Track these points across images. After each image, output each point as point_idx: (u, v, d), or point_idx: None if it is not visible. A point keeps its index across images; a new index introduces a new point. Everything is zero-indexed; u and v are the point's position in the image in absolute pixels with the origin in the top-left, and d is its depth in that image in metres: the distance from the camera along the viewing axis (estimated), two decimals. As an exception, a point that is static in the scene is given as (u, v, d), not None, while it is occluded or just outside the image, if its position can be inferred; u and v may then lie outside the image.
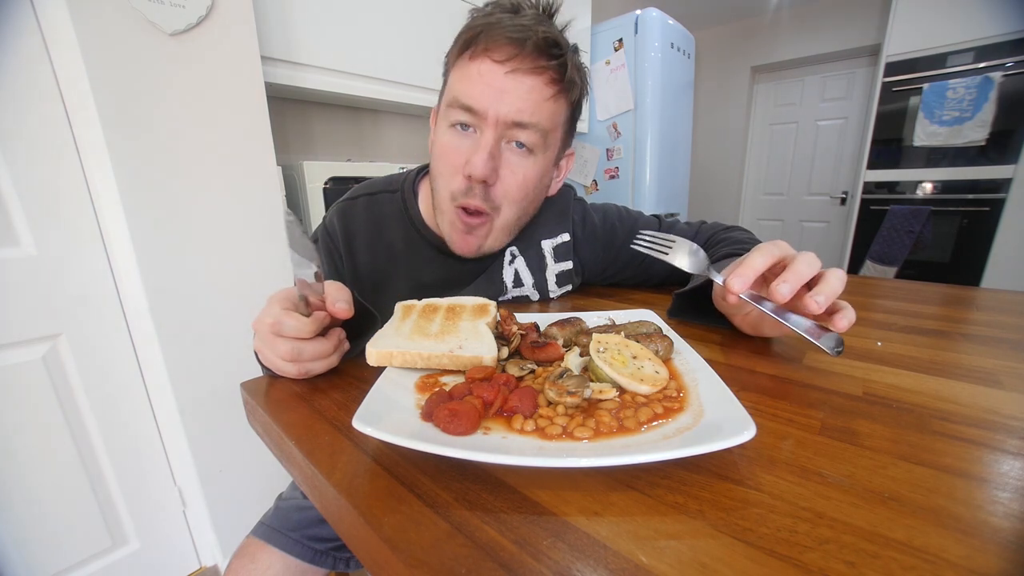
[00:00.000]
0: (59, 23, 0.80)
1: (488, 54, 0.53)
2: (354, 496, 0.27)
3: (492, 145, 0.55)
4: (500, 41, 0.53)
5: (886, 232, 2.62)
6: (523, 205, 0.63)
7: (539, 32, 0.53)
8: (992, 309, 0.61)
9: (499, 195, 0.60)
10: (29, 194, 0.85)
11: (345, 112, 1.61)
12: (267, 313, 0.41)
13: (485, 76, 0.53)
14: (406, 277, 0.68)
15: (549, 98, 0.56)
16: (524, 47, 0.52)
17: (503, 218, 0.62)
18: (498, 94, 0.53)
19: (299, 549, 0.60)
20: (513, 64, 0.53)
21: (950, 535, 0.22)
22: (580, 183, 2.53)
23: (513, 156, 0.58)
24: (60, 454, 0.94)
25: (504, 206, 0.61)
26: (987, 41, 2.21)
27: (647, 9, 2.14)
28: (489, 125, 0.55)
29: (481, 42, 0.53)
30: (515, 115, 0.54)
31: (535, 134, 0.57)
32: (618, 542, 0.23)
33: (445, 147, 0.59)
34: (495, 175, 0.57)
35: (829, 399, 0.36)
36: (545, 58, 0.54)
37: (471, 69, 0.54)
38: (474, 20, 0.55)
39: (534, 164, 0.59)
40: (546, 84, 0.55)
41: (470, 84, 0.54)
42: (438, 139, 0.61)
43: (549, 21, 0.56)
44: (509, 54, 0.53)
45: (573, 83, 0.58)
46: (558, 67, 0.55)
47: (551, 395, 0.33)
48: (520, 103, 0.54)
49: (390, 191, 0.70)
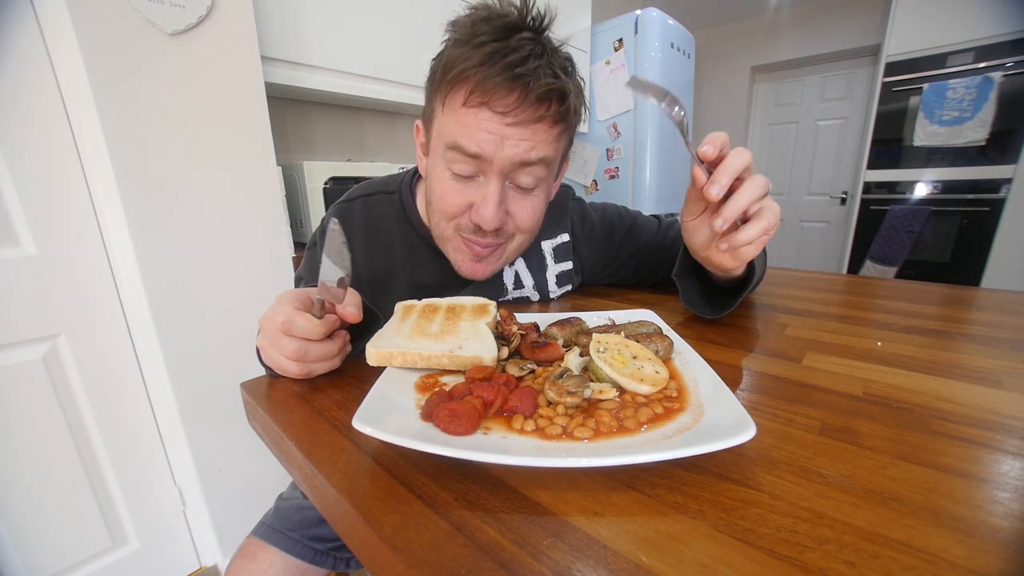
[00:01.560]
0: (59, 23, 0.80)
1: (487, 105, 0.49)
2: (354, 496, 0.27)
3: (499, 194, 0.54)
4: (500, 90, 0.48)
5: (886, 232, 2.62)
6: (535, 231, 0.64)
7: (542, 82, 0.48)
8: (992, 309, 0.61)
9: (512, 228, 0.60)
10: (29, 194, 0.85)
11: (345, 112, 1.61)
12: (278, 312, 0.41)
13: (485, 124, 0.50)
14: (405, 278, 0.68)
15: (553, 140, 0.55)
16: (526, 97, 0.49)
17: (516, 242, 0.63)
18: (500, 140, 0.51)
19: (299, 549, 0.60)
20: (515, 116, 0.50)
21: (950, 535, 0.22)
22: (580, 183, 2.53)
23: (518, 195, 0.57)
24: (60, 454, 0.94)
25: (518, 235, 0.62)
26: (987, 41, 2.21)
27: (647, 9, 2.14)
28: (494, 172, 0.53)
29: (477, 91, 0.49)
30: (522, 156, 0.52)
31: (541, 168, 0.55)
32: (618, 542, 0.23)
33: (446, 191, 0.56)
34: (505, 217, 0.57)
35: (829, 399, 0.36)
36: (547, 106, 0.51)
37: (469, 117, 0.50)
38: (463, 53, 0.49)
39: (539, 196, 0.59)
40: (549, 127, 0.53)
41: (471, 132, 0.51)
42: (437, 182, 0.57)
43: (546, 50, 0.51)
44: (510, 105, 0.49)
45: (576, 116, 0.56)
46: (561, 111, 0.52)
47: (551, 395, 0.33)
48: (525, 144, 0.52)
49: (387, 192, 0.70)
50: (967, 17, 2.24)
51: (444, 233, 0.61)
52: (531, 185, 0.56)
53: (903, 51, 2.44)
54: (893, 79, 2.49)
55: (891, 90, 2.50)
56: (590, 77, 2.33)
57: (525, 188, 0.56)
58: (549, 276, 0.72)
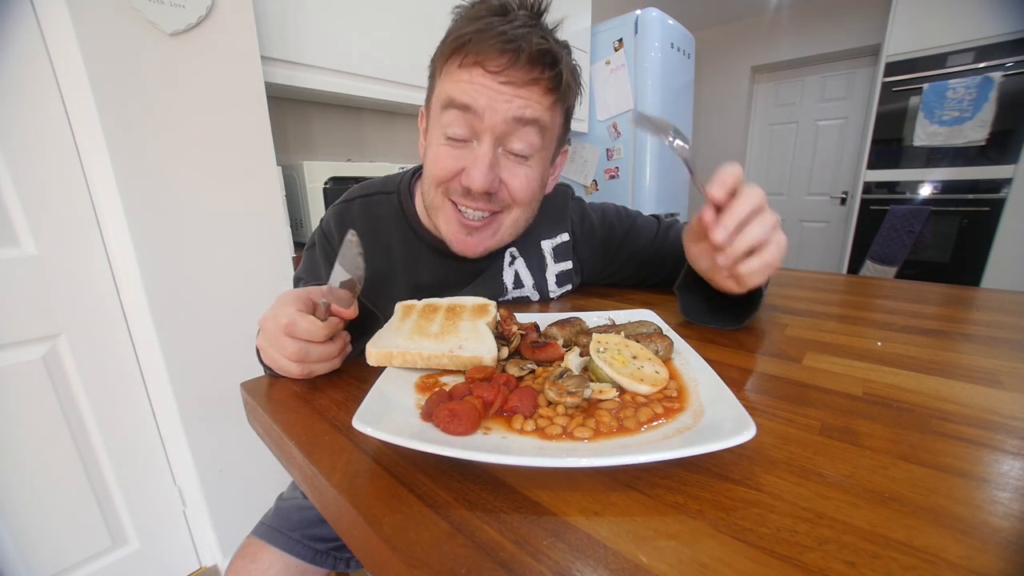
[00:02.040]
0: (59, 23, 0.80)
1: (481, 64, 0.51)
2: (354, 496, 0.27)
3: (491, 155, 0.54)
4: (492, 52, 0.50)
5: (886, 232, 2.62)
6: (532, 206, 0.63)
7: (533, 43, 0.50)
8: (992, 309, 0.61)
9: (505, 197, 0.59)
10: (29, 194, 0.85)
11: (345, 112, 1.61)
12: (280, 313, 0.41)
13: (478, 80, 0.51)
14: (404, 279, 0.68)
15: (548, 107, 0.55)
16: (518, 58, 0.50)
17: (512, 216, 0.62)
18: (494, 95, 0.51)
19: (299, 549, 0.60)
20: (507, 75, 0.51)
21: (950, 535, 0.22)
22: (580, 183, 2.53)
23: (511, 163, 0.57)
24: (60, 454, 0.94)
25: (513, 206, 0.61)
26: (987, 41, 2.21)
27: (647, 9, 2.14)
28: (486, 129, 0.53)
29: (472, 52, 0.51)
30: (515, 112, 0.52)
31: (534, 132, 0.55)
32: (618, 542, 0.23)
33: (439, 155, 0.56)
34: (496, 183, 0.56)
35: (829, 399, 0.36)
36: (539, 69, 0.52)
37: (462, 74, 0.52)
38: (462, 25, 0.52)
39: (533, 167, 0.59)
40: (543, 94, 0.53)
41: (465, 86, 0.52)
42: (431, 147, 0.58)
43: (539, 24, 0.54)
44: (502, 65, 0.50)
45: (568, 89, 0.57)
46: (553, 78, 0.53)
47: (551, 395, 0.33)
48: (519, 101, 0.52)
49: (386, 192, 0.70)
50: (967, 17, 2.24)
51: (434, 201, 0.60)
52: (525, 152, 0.56)
53: (903, 51, 2.44)
54: (893, 79, 2.49)
55: (891, 90, 2.50)
56: (590, 77, 2.33)
57: (519, 155, 0.56)
58: (549, 276, 0.72)
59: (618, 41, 2.22)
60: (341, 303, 0.41)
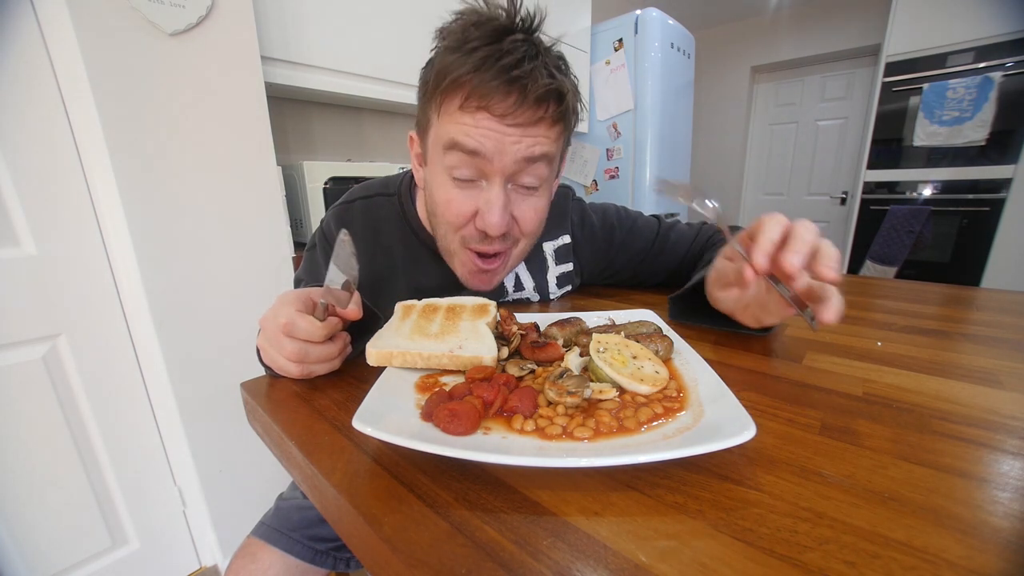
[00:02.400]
0: (59, 23, 0.80)
1: (486, 108, 0.48)
2: (354, 496, 0.27)
3: (503, 197, 0.53)
4: (497, 94, 0.48)
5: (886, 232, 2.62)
6: (538, 233, 0.63)
7: (540, 83, 0.48)
8: (992, 309, 0.61)
9: (517, 233, 0.59)
10: (29, 194, 0.85)
11: (345, 112, 1.61)
12: (279, 313, 0.41)
13: (484, 124, 0.49)
14: (404, 281, 0.68)
15: (554, 139, 0.54)
16: (525, 99, 0.48)
17: (520, 248, 0.62)
18: (501, 139, 0.50)
19: (299, 549, 0.60)
20: (514, 118, 0.49)
21: (950, 535, 0.22)
22: (580, 183, 2.53)
23: (520, 196, 0.56)
24: (60, 454, 0.94)
25: (522, 239, 0.61)
26: (987, 41, 2.21)
27: (647, 9, 2.14)
28: (496, 173, 0.52)
29: (474, 95, 0.48)
30: (524, 152, 0.51)
31: (543, 165, 0.54)
32: (618, 542, 0.23)
33: (450, 200, 0.55)
34: (510, 221, 0.56)
35: (829, 399, 0.36)
36: (546, 107, 0.50)
37: (466, 119, 0.50)
38: (455, 59, 0.48)
39: (542, 196, 0.58)
40: (549, 127, 0.52)
41: (468, 130, 0.50)
42: (439, 190, 0.56)
43: (539, 49, 0.50)
44: (508, 108, 0.48)
45: (574, 114, 0.56)
46: (559, 113, 0.52)
47: (551, 395, 0.33)
48: (528, 140, 0.51)
49: (387, 195, 0.70)
50: (967, 17, 2.24)
51: (450, 246, 0.60)
52: (534, 184, 0.55)
53: (903, 51, 2.44)
54: (893, 79, 2.48)
55: (891, 90, 2.50)
56: (590, 77, 2.33)
57: (528, 188, 0.56)
58: (550, 278, 0.72)
59: (618, 41, 2.22)
60: (340, 303, 0.41)
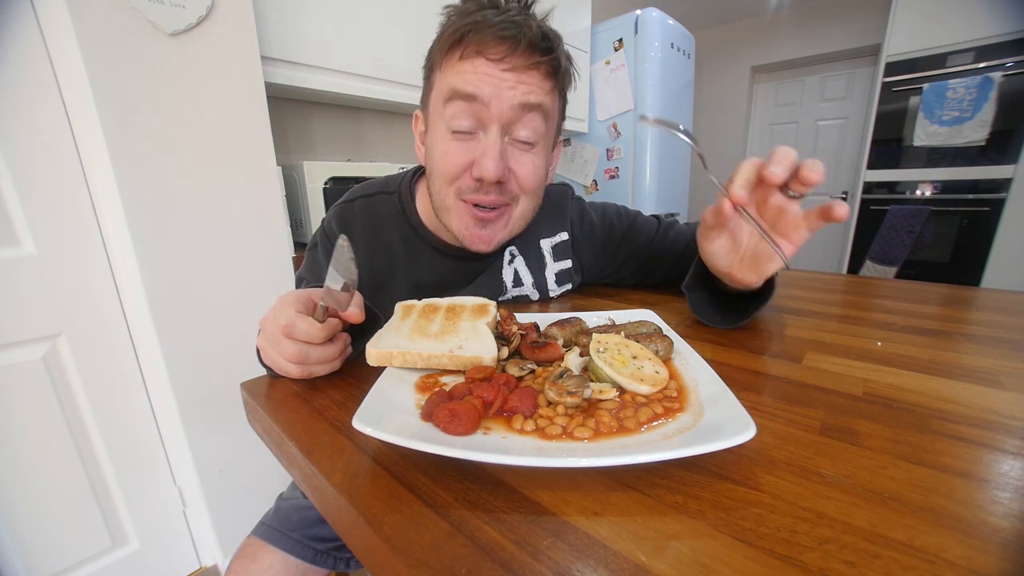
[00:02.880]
0: (59, 23, 0.80)
1: (481, 54, 0.51)
2: (354, 496, 0.27)
3: (500, 143, 0.54)
4: (492, 40, 0.51)
5: (886, 232, 2.62)
6: (537, 194, 0.63)
7: (532, 28, 0.52)
8: (992, 309, 0.61)
9: (514, 188, 0.59)
10: (29, 194, 0.85)
11: (345, 112, 1.61)
12: (280, 314, 0.41)
13: (481, 69, 0.52)
14: (405, 278, 0.68)
15: (548, 92, 0.56)
16: (518, 44, 0.51)
17: (520, 207, 0.62)
18: (498, 83, 0.52)
19: (300, 549, 0.60)
20: (509, 62, 0.52)
21: (950, 535, 0.22)
22: (580, 183, 2.53)
23: (518, 151, 0.57)
24: (60, 454, 0.94)
25: (521, 196, 0.61)
26: (987, 41, 2.21)
27: (647, 9, 2.14)
28: (493, 118, 0.53)
29: (472, 43, 0.51)
30: (520, 98, 0.53)
31: (539, 118, 0.55)
32: (618, 542, 0.23)
33: (447, 151, 0.56)
34: (507, 172, 0.57)
35: (829, 399, 0.36)
36: (539, 53, 0.53)
37: (465, 66, 0.52)
38: (456, 21, 0.53)
39: (539, 154, 0.59)
40: (543, 79, 0.55)
41: (468, 76, 0.52)
42: (437, 145, 0.58)
43: (531, 14, 0.55)
44: (503, 52, 0.51)
45: (566, 74, 0.57)
46: (552, 61, 0.54)
47: (551, 395, 0.33)
48: (523, 87, 0.53)
49: (387, 193, 0.70)
50: (967, 17, 2.24)
51: (445, 201, 0.60)
52: (531, 139, 0.56)
53: (903, 51, 2.44)
54: (893, 79, 2.49)
55: (891, 90, 2.50)
56: (590, 77, 2.33)
57: (525, 143, 0.57)
58: (548, 275, 0.72)
59: (618, 41, 2.22)
60: (339, 306, 0.41)
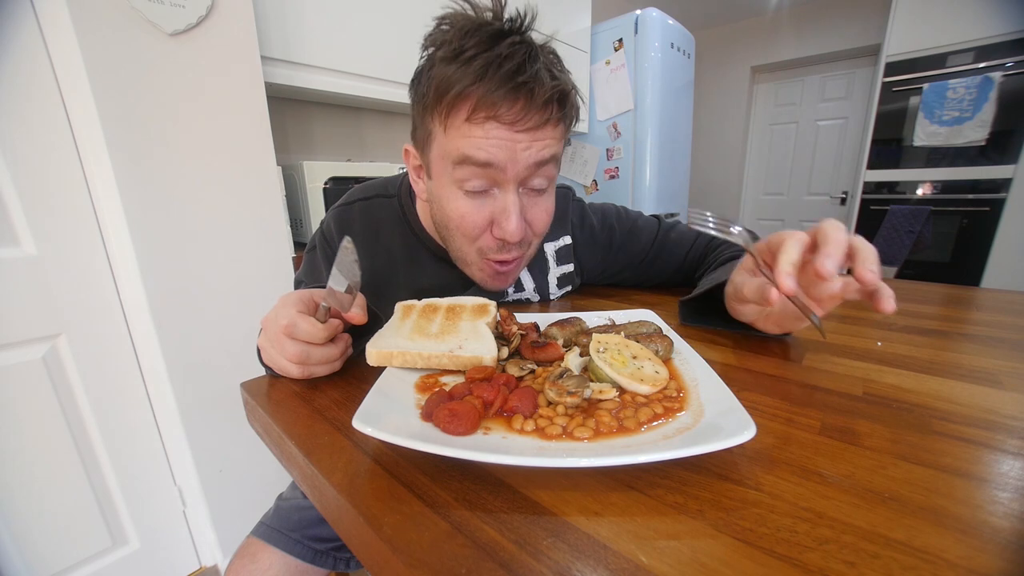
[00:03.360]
0: (59, 23, 0.80)
1: (495, 118, 0.48)
2: (354, 496, 0.27)
3: (519, 203, 0.54)
4: (503, 101, 0.48)
5: (886, 232, 2.62)
6: (547, 232, 0.63)
7: (546, 85, 0.48)
8: (992, 309, 0.61)
9: (530, 236, 0.60)
10: (29, 194, 0.85)
11: (345, 112, 1.61)
12: (282, 314, 0.41)
13: (494, 134, 0.49)
14: (405, 282, 0.68)
15: (559, 138, 0.55)
16: (532, 102, 0.48)
17: (532, 248, 0.63)
18: (512, 146, 0.50)
19: (300, 549, 0.60)
20: (523, 124, 0.49)
21: (950, 535, 0.22)
22: (580, 183, 2.53)
23: (532, 199, 0.57)
24: (60, 454, 0.94)
25: (534, 240, 0.61)
26: (987, 41, 2.21)
27: (647, 9, 2.14)
28: (510, 180, 0.52)
29: (482, 106, 0.48)
30: (535, 157, 0.51)
31: (552, 167, 0.55)
32: (618, 542, 0.23)
33: (464, 214, 0.55)
34: (526, 228, 0.57)
35: (829, 399, 0.36)
36: (551, 109, 0.51)
37: (475, 131, 0.49)
38: (458, 77, 0.48)
39: (550, 196, 0.59)
40: (555, 127, 0.53)
41: (479, 143, 0.50)
42: (450, 202, 0.55)
43: (535, 50, 0.50)
44: (517, 115, 0.48)
45: (576, 113, 0.56)
46: (564, 112, 0.53)
47: (551, 395, 0.33)
48: (538, 144, 0.51)
49: (386, 196, 0.70)
50: (967, 17, 2.24)
51: (467, 257, 0.60)
52: (544, 187, 0.56)
53: (903, 51, 2.44)
54: (893, 79, 2.48)
55: (891, 90, 2.50)
56: (590, 77, 2.33)
57: (538, 190, 0.56)
58: (551, 279, 0.72)
59: (618, 41, 2.21)
60: (342, 307, 0.41)
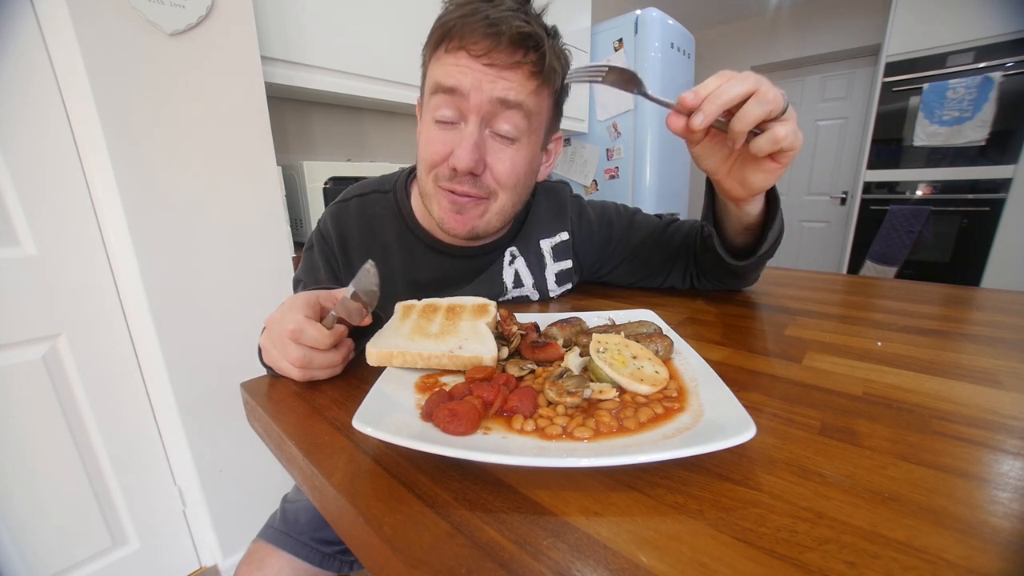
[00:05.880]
0: (59, 23, 0.80)
1: (464, 48, 0.52)
2: (354, 496, 0.27)
3: (476, 135, 0.55)
4: (475, 36, 0.51)
5: (886, 232, 2.62)
6: (517, 191, 0.62)
7: (514, 26, 0.51)
8: (992, 309, 0.61)
9: (490, 182, 0.59)
10: (29, 194, 0.85)
11: (345, 112, 1.60)
12: (288, 318, 0.41)
13: (463, 63, 0.53)
14: (402, 277, 0.68)
15: (531, 91, 0.55)
16: (500, 41, 0.51)
17: (499, 203, 0.61)
18: (478, 77, 0.53)
19: (307, 552, 0.59)
20: (490, 58, 0.52)
21: (950, 535, 0.22)
22: (580, 183, 2.53)
23: (498, 145, 0.57)
24: (60, 454, 0.94)
25: (499, 191, 0.60)
26: (987, 41, 2.21)
27: (647, 9, 2.14)
28: (472, 110, 0.54)
29: (456, 36, 0.52)
30: (499, 93, 0.53)
31: (519, 115, 0.56)
32: (618, 542, 0.23)
33: (429, 138, 0.58)
34: (481, 165, 0.57)
35: (829, 399, 0.36)
36: (522, 52, 0.53)
37: (448, 59, 0.54)
38: (448, 12, 0.54)
39: (520, 150, 0.59)
40: (526, 78, 0.54)
41: (450, 69, 0.53)
42: (423, 132, 0.60)
43: (525, 8, 0.55)
44: (485, 48, 0.52)
45: (553, 72, 0.56)
46: (536, 61, 0.54)
47: (551, 395, 0.33)
48: (503, 83, 0.53)
49: (382, 191, 0.70)
50: (967, 17, 2.24)
51: (427, 188, 0.61)
52: (511, 134, 0.56)
53: (903, 51, 2.44)
54: (893, 79, 2.48)
55: (891, 90, 2.50)
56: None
57: (505, 137, 0.57)
58: (548, 275, 0.72)
59: (618, 41, 2.22)
60: (352, 318, 0.41)
